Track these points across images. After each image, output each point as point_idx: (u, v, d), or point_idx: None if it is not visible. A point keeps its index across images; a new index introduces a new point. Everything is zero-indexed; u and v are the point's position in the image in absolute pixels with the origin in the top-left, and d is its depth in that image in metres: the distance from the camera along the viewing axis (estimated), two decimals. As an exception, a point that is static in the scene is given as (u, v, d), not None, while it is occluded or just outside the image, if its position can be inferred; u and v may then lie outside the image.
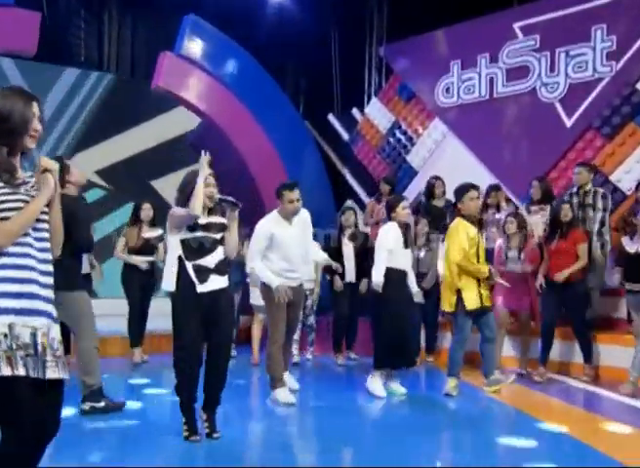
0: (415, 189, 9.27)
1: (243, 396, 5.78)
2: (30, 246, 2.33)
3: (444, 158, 9.21)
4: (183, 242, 4.08)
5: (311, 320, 7.50)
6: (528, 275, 6.58)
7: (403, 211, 5.63)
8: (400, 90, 9.78)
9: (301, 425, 4.97)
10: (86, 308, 4.87)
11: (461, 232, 5.48)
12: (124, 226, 7.61)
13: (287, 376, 5.57)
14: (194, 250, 4.10)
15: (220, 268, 4.15)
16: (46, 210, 2.40)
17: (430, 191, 8.17)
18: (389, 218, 5.70)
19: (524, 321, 6.60)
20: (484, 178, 8.49)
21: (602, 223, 6.82)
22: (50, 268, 2.42)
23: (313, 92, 11.23)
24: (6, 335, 2.20)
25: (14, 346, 2.21)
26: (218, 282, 4.13)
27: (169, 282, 4.11)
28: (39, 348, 2.26)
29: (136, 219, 7.17)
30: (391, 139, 9.79)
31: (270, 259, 5.30)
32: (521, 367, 6.64)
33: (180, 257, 4.08)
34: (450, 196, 8.01)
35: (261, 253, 5.28)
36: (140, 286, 7.03)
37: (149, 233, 7.00)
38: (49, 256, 2.41)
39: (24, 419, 2.21)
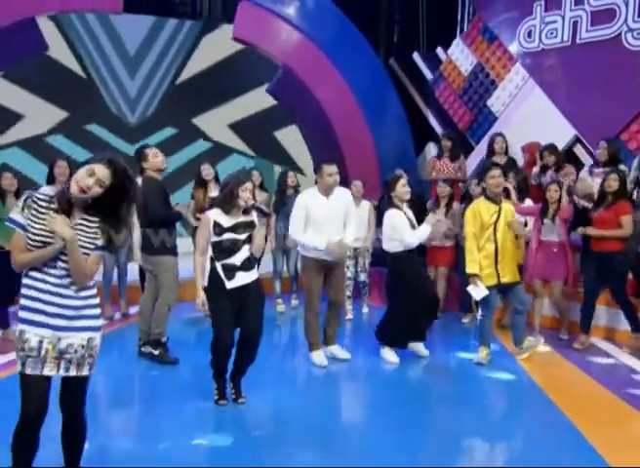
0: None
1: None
2: (48, 274, 2.94)
3: (524, 105, 8.99)
4: (213, 244, 4.57)
5: (363, 277, 7.86)
6: (564, 243, 6.60)
7: (403, 188, 5.74)
8: (484, 30, 9.47)
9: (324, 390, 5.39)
10: (166, 272, 5.65)
11: (477, 216, 5.70)
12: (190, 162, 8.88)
13: (336, 348, 5.98)
14: (222, 250, 4.58)
15: (246, 265, 4.62)
16: (65, 252, 2.92)
17: (490, 147, 8.25)
18: (388, 197, 5.80)
19: (556, 290, 6.67)
20: (564, 129, 8.50)
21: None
22: (64, 293, 2.96)
23: (401, 27, 11.05)
24: (38, 342, 2.90)
25: (19, 348, 2.91)
26: (244, 278, 4.61)
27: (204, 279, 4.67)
28: (42, 352, 2.91)
29: (201, 181, 7.50)
30: (473, 82, 9.62)
31: (307, 233, 5.60)
32: (562, 331, 6.86)
33: (211, 257, 4.59)
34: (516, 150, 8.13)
35: (302, 222, 5.57)
36: None
37: (215, 192, 7.07)
38: (61, 284, 2.96)
39: (26, 402, 2.92)
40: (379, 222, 6.75)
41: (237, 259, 4.59)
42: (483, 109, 9.49)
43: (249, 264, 4.66)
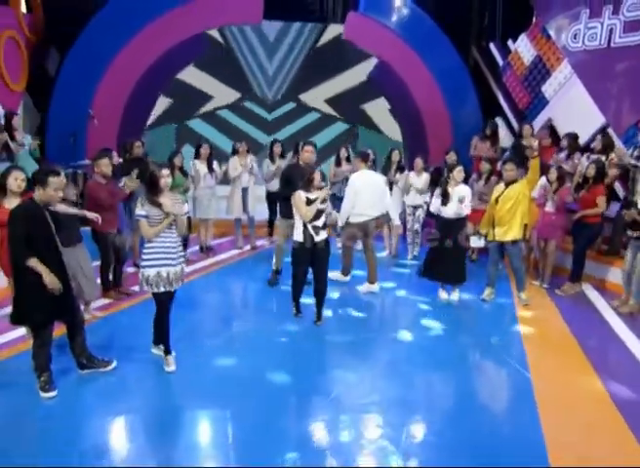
0: (544, 117, 11.44)
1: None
2: (165, 236, 5.20)
3: (568, 95, 11.05)
4: None
5: (416, 226, 10.13)
6: (561, 213, 8.51)
7: (459, 173, 7.65)
8: (542, 30, 11.52)
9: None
10: (281, 226, 8.25)
11: (493, 192, 8.02)
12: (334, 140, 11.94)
13: (374, 286, 8.25)
14: (312, 215, 6.48)
15: (324, 226, 6.57)
16: (174, 223, 5.23)
17: (520, 133, 10.57)
18: (447, 178, 7.71)
19: (551, 247, 8.66)
20: (595, 118, 10.51)
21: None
22: (176, 244, 5.30)
23: (482, 22, 13.28)
24: (156, 275, 5.20)
25: (159, 279, 5.22)
26: (323, 234, 6.58)
27: (298, 235, 6.63)
28: (171, 279, 5.26)
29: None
30: (533, 71, 11.74)
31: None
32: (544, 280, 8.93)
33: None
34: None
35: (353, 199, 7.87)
36: None
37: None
38: (176, 240, 5.30)
39: (162, 304, 5.45)
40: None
41: (320, 222, 6.48)
42: (538, 94, 11.65)
43: (324, 226, 6.57)
